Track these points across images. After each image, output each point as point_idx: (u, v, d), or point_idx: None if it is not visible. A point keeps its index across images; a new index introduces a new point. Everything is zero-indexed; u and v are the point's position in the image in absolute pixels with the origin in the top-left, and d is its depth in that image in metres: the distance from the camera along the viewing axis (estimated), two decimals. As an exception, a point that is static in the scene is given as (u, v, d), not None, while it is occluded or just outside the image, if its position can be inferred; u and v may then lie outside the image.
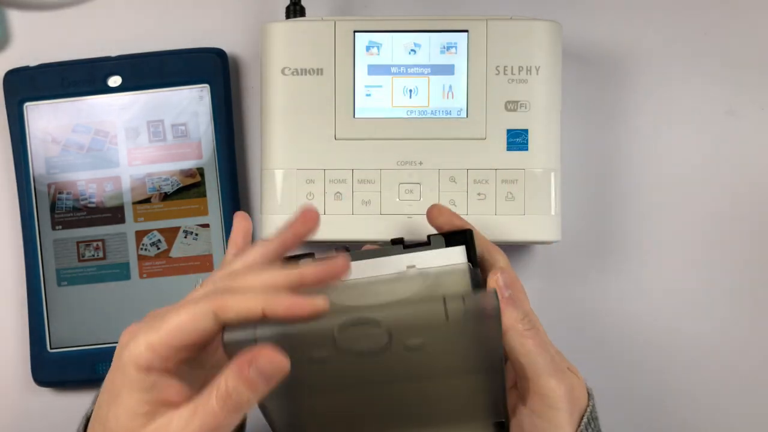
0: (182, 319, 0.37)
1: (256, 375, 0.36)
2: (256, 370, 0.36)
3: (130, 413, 0.37)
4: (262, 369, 0.36)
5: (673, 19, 0.59)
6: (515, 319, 0.42)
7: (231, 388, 0.36)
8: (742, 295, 0.58)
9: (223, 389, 0.36)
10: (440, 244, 0.44)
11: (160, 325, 0.37)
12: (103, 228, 0.57)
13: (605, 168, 0.58)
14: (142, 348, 0.37)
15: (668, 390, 0.57)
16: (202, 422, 0.36)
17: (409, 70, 0.53)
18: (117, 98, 0.57)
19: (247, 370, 0.36)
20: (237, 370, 0.36)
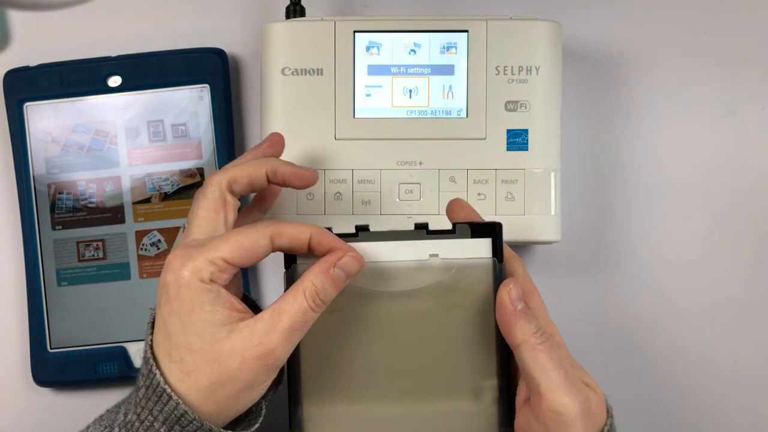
0: (242, 239, 0.41)
1: (341, 272, 0.41)
2: (341, 268, 0.41)
3: (210, 324, 0.40)
4: (346, 266, 0.41)
5: (673, 19, 0.59)
6: (528, 332, 0.41)
7: (319, 285, 0.41)
8: (743, 295, 0.58)
9: (311, 287, 0.40)
10: (465, 234, 0.43)
11: (220, 243, 0.41)
12: (103, 228, 0.57)
13: (605, 168, 0.58)
14: (203, 263, 0.40)
15: (668, 390, 0.57)
16: (292, 320, 0.40)
17: (409, 70, 0.53)
18: (117, 98, 0.57)
19: (332, 268, 0.41)
20: (324, 270, 0.41)
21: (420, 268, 0.43)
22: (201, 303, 0.40)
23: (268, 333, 0.40)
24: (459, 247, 0.43)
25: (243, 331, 0.40)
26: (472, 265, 0.43)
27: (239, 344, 0.40)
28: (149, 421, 0.41)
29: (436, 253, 0.43)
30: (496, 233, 0.43)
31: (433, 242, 0.43)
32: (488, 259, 0.43)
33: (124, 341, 0.56)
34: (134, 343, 0.56)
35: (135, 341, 0.56)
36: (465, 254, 0.43)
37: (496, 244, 0.43)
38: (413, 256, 0.43)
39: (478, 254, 0.43)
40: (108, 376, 0.56)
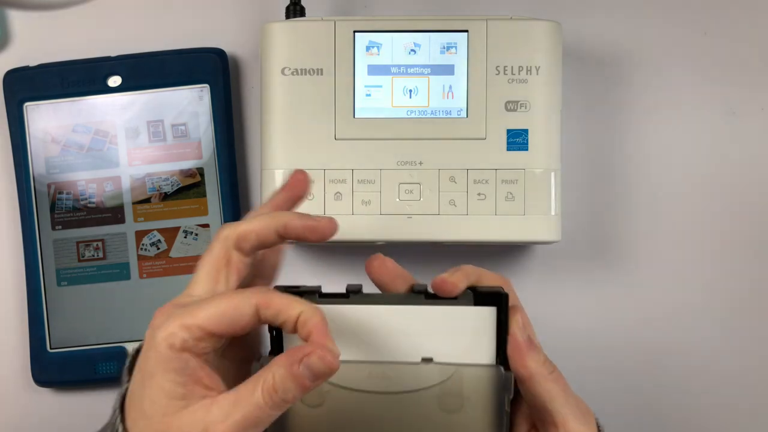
0: (224, 306, 0.37)
1: (306, 372, 0.35)
2: (307, 368, 0.35)
3: (166, 395, 0.37)
4: (313, 367, 0.35)
5: (673, 19, 0.59)
6: (538, 362, 0.39)
7: (278, 382, 0.36)
8: (743, 295, 0.58)
9: (270, 383, 0.36)
10: (468, 301, 0.38)
11: (198, 309, 0.37)
12: (103, 228, 0.57)
13: (605, 168, 0.58)
14: (177, 328, 0.37)
15: (667, 390, 0.57)
16: (245, 414, 0.36)
17: (409, 70, 0.52)
18: (117, 98, 0.57)
19: (298, 366, 0.35)
20: (287, 365, 0.36)
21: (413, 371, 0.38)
22: (164, 370, 0.37)
23: (218, 422, 0.36)
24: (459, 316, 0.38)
25: (195, 413, 0.37)
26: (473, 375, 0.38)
27: (187, 425, 0.36)
28: None
29: (430, 357, 0.38)
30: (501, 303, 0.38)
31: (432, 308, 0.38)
32: (493, 366, 0.38)
33: (124, 341, 0.56)
34: (134, 343, 0.56)
35: (135, 341, 0.56)
36: (465, 353, 0.38)
37: (501, 315, 0.38)
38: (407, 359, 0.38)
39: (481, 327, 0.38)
40: (108, 376, 0.56)
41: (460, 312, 0.38)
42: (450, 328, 0.38)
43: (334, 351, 0.35)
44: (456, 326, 0.38)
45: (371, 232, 0.52)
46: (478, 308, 0.38)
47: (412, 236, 0.51)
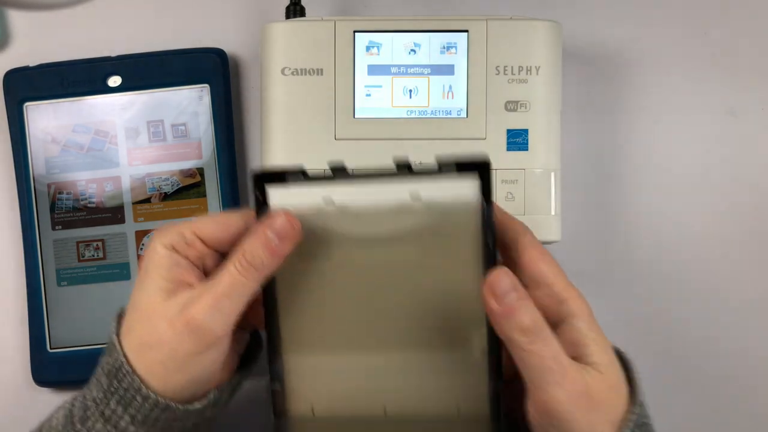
0: (218, 216, 0.42)
1: (273, 235, 0.39)
2: (273, 231, 0.39)
3: (154, 287, 0.40)
4: (278, 229, 0.39)
5: (673, 19, 0.59)
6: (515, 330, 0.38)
7: (248, 250, 0.39)
8: (743, 295, 0.58)
9: (240, 252, 0.39)
10: (451, 171, 0.39)
11: (194, 220, 0.42)
12: (103, 228, 0.57)
13: (605, 168, 0.58)
14: (172, 232, 0.41)
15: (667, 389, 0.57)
16: (221, 287, 0.39)
17: (409, 70, 0.53)
18: (117, 98, 0.57)
19: (264, 232, 0.39)
20: (255, 233, 0.40)
21: (401, 211, 0.39)
22: (156, 267, 0.41)
23: (196, 299, 0.39)
24: (444, 187, 0.39)
25: (177, 297, 0.40)
26: (457, 207, 0.39)
27: (171, 308, 0.40)
28: (99, 374, 0.42)
29: (418, 194, 0.39)
30: (484, 170, 0.39)
31: (415, 183, 0.39)
32: (475, 200, 0.39)
33: (124, 341, 0.56)
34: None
35: (135, 341, 0.56)
36: (450, 195, 0.39)
37: (485, 182, 0.39)
38: (395, 197, 0.39)
39: (465, 194, 0.39)
40: (108, 376, 0.56)
41: (444, 183, 0.39)
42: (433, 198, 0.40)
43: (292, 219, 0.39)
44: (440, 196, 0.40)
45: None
46: (461, 178, 0.39)
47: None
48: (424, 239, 0.40)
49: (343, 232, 0.40)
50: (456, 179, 0.39)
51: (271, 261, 0.39)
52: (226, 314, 0.39)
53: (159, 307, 0.40)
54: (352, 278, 0.41)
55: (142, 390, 0.40)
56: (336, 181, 0.40)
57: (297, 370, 0.42)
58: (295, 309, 0.41)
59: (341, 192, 0.40)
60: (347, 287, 0.41)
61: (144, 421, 0.40)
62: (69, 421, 0.42)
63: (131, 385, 0.40)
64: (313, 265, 0.41)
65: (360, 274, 0.40)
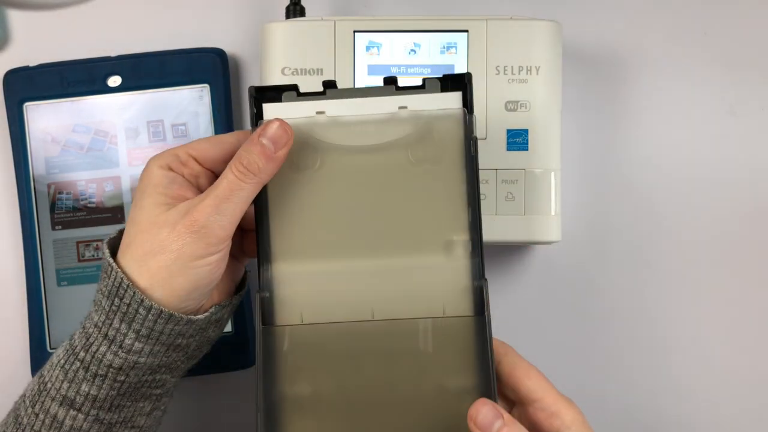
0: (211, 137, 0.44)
1: (267, 141, 0.41)
2: (267, 137, 0.41)
3: (153, 203, 0.42)
4: (272, 135, 0.42)
5: (673, 19, 0.59)
6: None
7: (244, 155, 0.41)
8: (743, 295, 0.58)
9: (238, 157, 0.41)
10: (435, 88, 0.43)
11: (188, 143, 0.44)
12: (103, 228, 0.57)
13: (605, 168, 0.58)
14: (167, 153, 0.43)
15: (667, 389, 0.57)
16: (220, 190, 0.41)
17: (409, 70, 0.52)
18: (117, 98, 0.57)
19: (259, 138, 0.41)
20: (251, 140, 0.42)
21: (389, 121, 0.43)
22: (154, 185, 0.42)
23: (197, 203, 0.41)
24: (429, 101, 0.43)
25: (178, 206, 0.42)
26: (441, 116, 0.43)
27: (172, 216, 0.41)
28: (98, 299, 0.42)
29: (405, 106, 0.43)
30: (466, 84, 0.42)
31: (403, 97, 0.43)
32: (458, 109, 0.43)
33: (124, 341, 0.56)
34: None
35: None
36: (435, 106, 0.43)
37: (467, 95, 0.43)
38: (383, 110, 0.43)
39: (449, 105, 0.43)
40: (108, 376, 0.56)
41: (429, 97, 0.43)
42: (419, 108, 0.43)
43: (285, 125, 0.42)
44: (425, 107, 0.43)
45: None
46: (445, 93, 0.43)
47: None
48: (411, 146, 0.43)
49: (334, 141, 0.43)
50: (440, 94, 0.43)
51: (267, 165, 0.41)
52: (227, 216, 0.41)
53: (160, 217, 0.41)
54: (341, 186, 0.43)
55: (144, 302, 0.41)
56: (327, 96, 0.43)
57: (286, 278, 0.43)
58: (285, 217, 0.43)
59: (333, 106, 0.43)
60: (336, 194, 0.43)
61: (149, 335, 0.41)
62: (71, 352, 0.42)
63: (133, 299, 0.41)
64: (304, 174, 0.43)
65: (349, 181, 0.43)
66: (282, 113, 0.43)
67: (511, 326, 0.57)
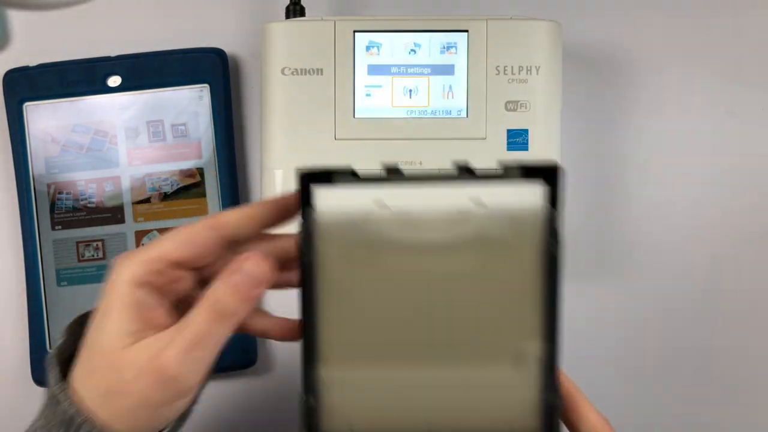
0: (182, 233, 0.37)
1: (243, 280, 0.36)
2: (243, 275, 0.36)
3: (119, 330, 0.37)
4: (249, 272, 0.36)
5: (673, 19, 0.59)
6: None
7: (219, 294, 0.36)
8: (743, 296, 0.58)
9: (210, 298, 0.36)
10: (516, 177, 0.37)
11: (157, 243, 0.37)
12: (103, 228, 0.57)
13: (605, 168, 0.58)
14: (137, 263, 0.37)
15: (668, 390, 0.57)
16: (192, 334, 0.36)
17: (409, 70, 0.52)
18: (117, 98, 0.57)
19: (234, 276, 0.36)
20: (224, 277, 0.36)
21: (461, 216, 0.36)
22: (121, 306, 0.37)
23: (166, 347, 0.36)
24: (507, 192, 0.36)
25: (145, 342, 0.37)
26: (520, 212, 0.36)
27: (138, 355, 0.36)
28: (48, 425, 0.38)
29: (480, 199, 0.36)
30: (552, 175, 0.36)
31: (475, 187, 0.37)
32: (541, 206, 0.36)
33: (124, 341, 0.56)
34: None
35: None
36: (513, 201, 0.36)
37: (555, 191, 0.36)
38: (452, 202, 0.36)
39: (530, 201, 0.36)
40: (108, 376, 0.56)
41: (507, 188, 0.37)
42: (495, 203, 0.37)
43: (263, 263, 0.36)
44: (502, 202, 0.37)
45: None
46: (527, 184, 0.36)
47: (412, 236, 0.51)
48: (482, 248, 0.36)
49: (396, 238, 0.37)
50: (520, 185, 0.37)
51: (243, 306, 0.37)
52: (198, 363, 0.36)
53: (125, 353, 0.36)
54: (401, 285, 0.38)
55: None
56: (389, 182, 0.37)
57: (335, 383, 0.38)
58: (338, 316, 0.38)
59: (395, 195, 0.37)
60: (395, 296, 0.38)
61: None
62: None
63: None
64: (359, 270, 0.37)
65: (410, 280, 0.37)
66: (336, 200, 0.38)
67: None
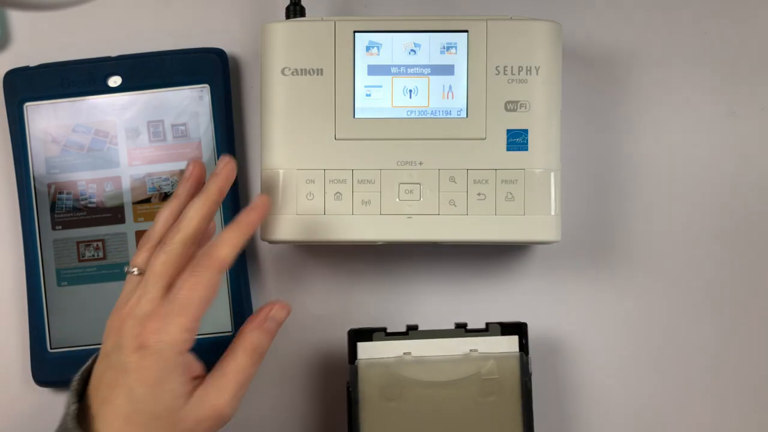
0: (203, 292, 0.44)
1: (273, 323, 0.46)
2: (274, 322, 0.47)
3: (174, 396, 0.43)
4: (276, 317, 0.47)
5: (673, 19, 0.59)
6: None
7: (256, 341, 0.45)
8: (744, 294, 0.58)
9: (249, 344, 0.45)
10: (497, 332, 0.52)
11: (184, 307, 0.43)
12: (103, 228, 0.57)
13: (605, 168, 0.58)
14: (179, 332, 0.43)
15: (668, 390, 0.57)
16: (237, 379, 0.44)
17: (409, 70, 0.53)
18: (117, 98, 0.57)
19: (268, 323, 0.46)
20: (258, 325, 0.46)
21: (462, 360, 0.52)
22: (173, 375, 0.43)
23: (218, 396, 0.43)
24: (494, 344, 0.52)
25: (198, 399, 0.43)
26: (503, 358, 0.51)
27: (194, 410, 0.43)
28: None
29: (475, 349, 0.52)
30: (523, 331, 0.52)
31: (472, 339, 0.52)
32: (516, 353, 0.51)
33: (124, 341, 0.56)
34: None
35: (135, 341, 0.56)
36: (498, 349, 0.52)
37: (523, 340, 0.52)
38: (457, 351, 0.52)
39: (508, 348, 0.52)
40: (108, 376, 0.56)
41: (492, 340, 0.52)
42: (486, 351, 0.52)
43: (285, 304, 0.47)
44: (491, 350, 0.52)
45: (371, 232, 0.52)
46: (505, 337, 0.52)
47: (412, 236, 0.51)
48: (478, 382, 0.51)
49: (417, 377, 0.51)
50: (501, 337, 0.52)
51: (270, 343, 0.46)
52: (240, 399, 0.45)
53: (183, 412, 0.43)
54: (421, 415, 0.51)
55: None
56: (410, 336, 0.52)
57: None
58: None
59: (416, 346, 0.52)
60: (417, 422, 0.51)
61: None
62: None
63: None
64: (391, 404, 0.51)
65: (427, 410, 0.51)
66: (374, 351, 0.52)
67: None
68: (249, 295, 0.57)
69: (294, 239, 0.52)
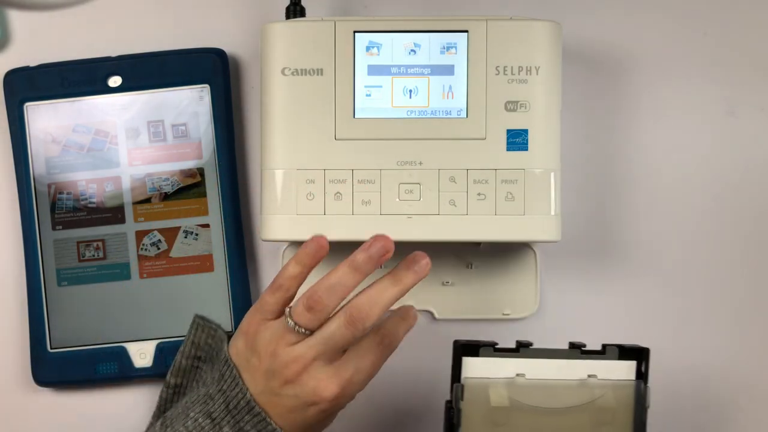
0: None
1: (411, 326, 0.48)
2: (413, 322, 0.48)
3: None
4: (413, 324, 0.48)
5: (673, 19, 0.59)
6: None
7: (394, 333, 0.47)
8: (742, 293, 0.58)
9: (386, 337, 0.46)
10: (614, 356, 0.48)
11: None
12: (103, 228, 0.57)
13: (605, 168, 0.58)
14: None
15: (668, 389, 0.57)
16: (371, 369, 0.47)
17: (409, 70, 0.53)
18: (117, 98, 0.57)
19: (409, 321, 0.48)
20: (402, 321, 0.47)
21: (578, 386, 0.47)
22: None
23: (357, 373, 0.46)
24: (611, 369, 0.47)
25: None
26: (621, 386, 0.47)
27: None
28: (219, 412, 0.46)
29: (594, 374, 0.47)
30: (643, 357, 0.47)
31: (589, 362, 0.47)
32: (635, 381, 0.47)
33: (123, 341, 0.56)
34: (134, 343, 0.56)
35: (135, 341, 0.56)
36: (614, 375, 0.47)
37: (642, 367, 0.47)
38: (572, 375, 0.47)
39: (625, 375, 0.47)
40: (108, 376, 0.56)
41: (609, 364, 0.47)
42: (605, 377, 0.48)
43: None
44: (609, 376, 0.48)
45: (371, 232, 0.52)
46: (623, 362, 0.47)
47: (412, 236, 0.51)
48: (592, 411, 0.47)
49: (527, 402, 0.47)
50: (619, 362, 0.47)
51: None
52: None
53: None
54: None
55: None
56: (520, 354, 0.47)
57: None
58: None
59: (529, 367, 0.47)
60: None
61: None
62: None
63: None
64: (498, 430, 0.47)
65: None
66: (482, 369, 0.47)
67: (511, 326, 0.57)
68: (249, 295, 0.57)
69: (294, 239, 0.52)
